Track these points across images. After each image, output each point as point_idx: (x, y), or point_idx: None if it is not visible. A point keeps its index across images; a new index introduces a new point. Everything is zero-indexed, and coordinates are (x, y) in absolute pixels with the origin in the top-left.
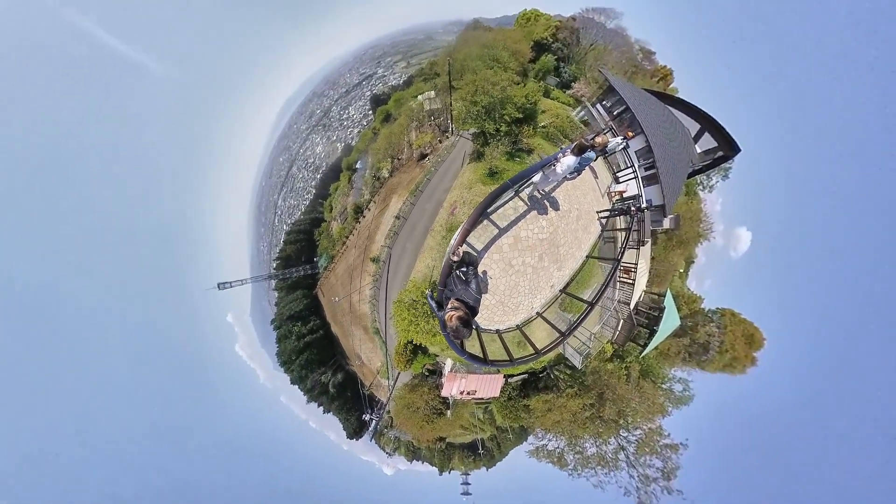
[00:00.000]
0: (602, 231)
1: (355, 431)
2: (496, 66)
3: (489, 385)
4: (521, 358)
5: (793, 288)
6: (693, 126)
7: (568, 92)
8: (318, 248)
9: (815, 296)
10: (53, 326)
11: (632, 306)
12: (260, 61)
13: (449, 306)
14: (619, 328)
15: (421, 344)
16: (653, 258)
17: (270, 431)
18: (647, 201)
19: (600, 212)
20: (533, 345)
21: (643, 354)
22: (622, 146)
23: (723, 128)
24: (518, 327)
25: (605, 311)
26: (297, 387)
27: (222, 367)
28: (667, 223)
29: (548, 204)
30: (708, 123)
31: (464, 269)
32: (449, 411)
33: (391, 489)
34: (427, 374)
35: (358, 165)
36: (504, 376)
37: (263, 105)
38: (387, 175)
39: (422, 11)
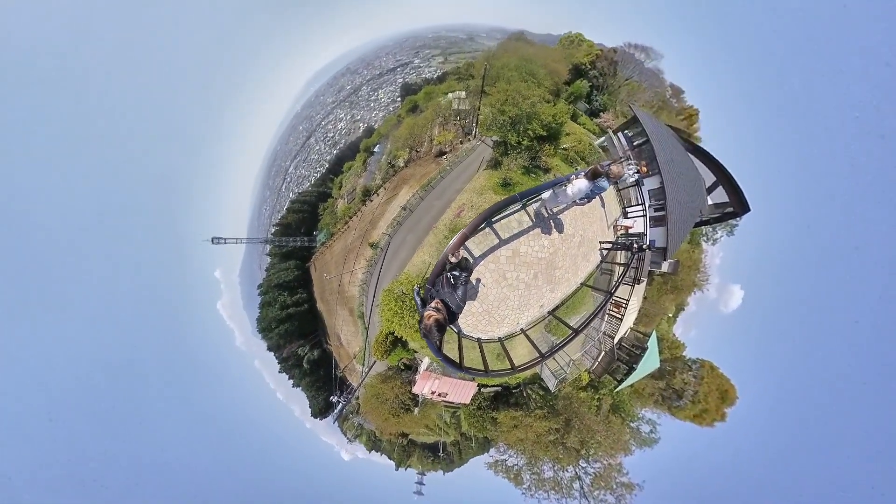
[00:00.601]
0: (601, 262)
1: (321, 411)
2: (531, 80)
3: (461, 391)
4: (496, 371)
5: (774, 354)
6: (709, 177)
7: (595, 120)
8: (320, 223)
9: (795, 367)
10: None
11: (616, 340)
12: (307, 21)
13: (431, 305)
14: (599, 359)
15: (402, 337)
16: (645, 298)
17: (237, 396)
18: (650, 241)
19: (603, 243)
20: (511, 360)
21: (618, 389)
22: (635, 177)
23: (737, 185)
24: (500, 340)
25: (588, 340)
26: (272, 354)
27: (201, 321)
28: (665, 266)
29: (553, 224)
30: (724, 178)
31: (456, 273)
32: (417, 409)
33: (346, 474)
34: (402, 367)
35: (376, 149)
36: (478, 385)
37: (296, 67)
38: (402, 164)
39: (470, 11)
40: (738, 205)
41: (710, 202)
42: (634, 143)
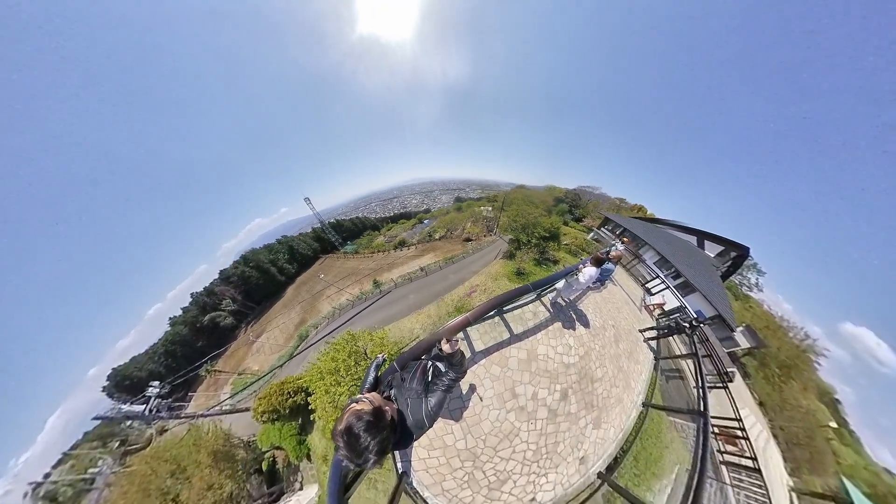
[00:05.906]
0: (656, 359)
1: (127, 385)
2: (531, 205)
3: None
4: None
5: None
6: (689, 238)
7: (581, 223)
8: (357, 240)
9: None
10: None
11: None
12: (452, 158)
13: (373, 395)
14: None
15: (313, 413)
16: (760, 403)
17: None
18: (696, 312)
19: (644, 330)
20: None
21: None
22: (622, 246)
23: (712, 234)
24: None
25: None
26: (218, 276)
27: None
28: (741, 338)
29: (575, 317)
30: (698, 233)
31: (441, 367)
32: None
33: None
34: (270, 460)
35: (425, 221)
36: None
37: (421, 169)
38: (437, 238)
39: (503, 173)
40: (734, 247)
41: (711, 255)
42: (617, 233)
